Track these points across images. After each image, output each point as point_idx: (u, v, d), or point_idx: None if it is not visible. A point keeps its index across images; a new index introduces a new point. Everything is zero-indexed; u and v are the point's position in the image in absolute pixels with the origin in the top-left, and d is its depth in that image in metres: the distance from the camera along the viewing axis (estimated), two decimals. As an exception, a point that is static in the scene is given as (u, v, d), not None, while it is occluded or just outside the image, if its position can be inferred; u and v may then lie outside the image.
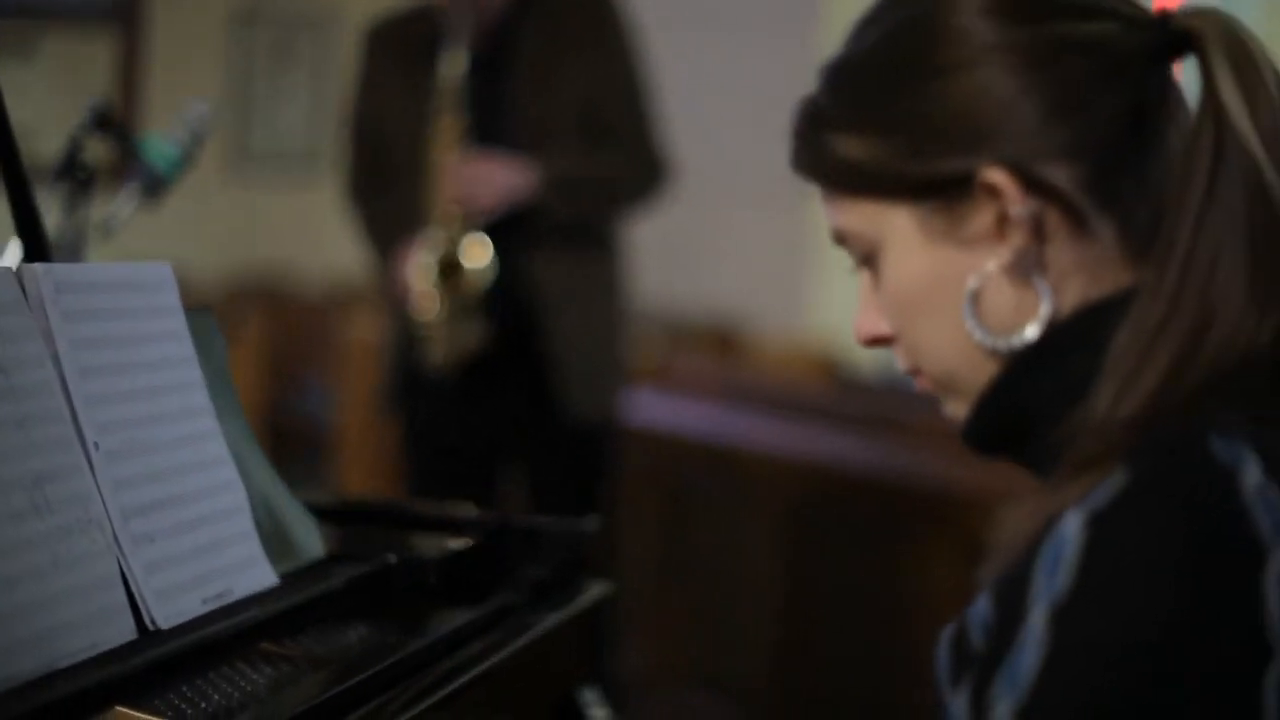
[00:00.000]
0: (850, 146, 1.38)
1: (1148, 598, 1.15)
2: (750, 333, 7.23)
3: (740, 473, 4.70)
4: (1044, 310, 1.34)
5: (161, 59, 7.48)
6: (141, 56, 7.41)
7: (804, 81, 1.46)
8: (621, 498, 4.31)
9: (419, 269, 4.06)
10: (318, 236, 8.23)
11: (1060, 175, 1.32)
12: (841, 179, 1.40)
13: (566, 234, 4.11)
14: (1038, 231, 1.33)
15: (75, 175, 2.73)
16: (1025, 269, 1.33)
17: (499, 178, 4.02)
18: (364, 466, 6.09)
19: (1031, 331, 1.34)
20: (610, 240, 4.24)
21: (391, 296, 4.24)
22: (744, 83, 6.85)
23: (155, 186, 2.89)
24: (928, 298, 1.38)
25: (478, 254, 4.06)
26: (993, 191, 1.33)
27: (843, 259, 1.47)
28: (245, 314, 6.43)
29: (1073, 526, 1.19)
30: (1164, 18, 1.34)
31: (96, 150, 2.80)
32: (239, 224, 7.89)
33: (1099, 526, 1.18)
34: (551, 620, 2.20)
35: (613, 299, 4.24)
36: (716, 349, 6.83)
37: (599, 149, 4.12)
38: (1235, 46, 1.28)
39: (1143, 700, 1.13)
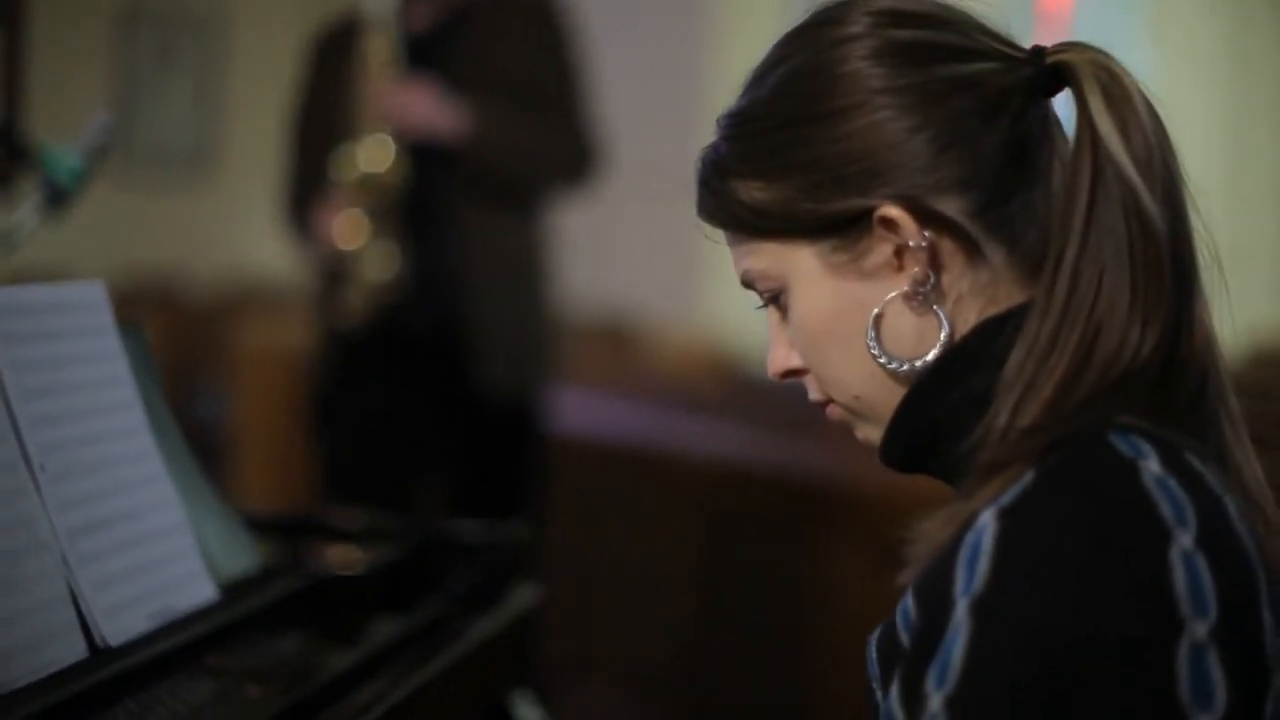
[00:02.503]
0: (751, 191, 1.45)
1: (1062, 582, 1.22)
2: (644, 328, 7.29)
3: (644, 470, 4.74)
4: (943, 334, 1.41)
5: (43, 60, 7.40)
6: (22, 57, 7.34)
7: (695, 74, 1.52)
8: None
9: (336, 201, 4.02)
10: (205, 239, 8.22)
11: (951, 206, 1.39)
12: (745, 223, 1.47)
13: (489, 207, 4.08)
14: (934, 260, 1.41)
15: (-26, 188, 2.72)
16: (924, 296, 1.41)
17: (430, 101, 4.03)
18: (262, 471, 6.09)
19: (933, 354, 1.41)
20: (533, 219, 4.23)
21: (317, 252, 4.16)
22: (635, 77, 6.89)
23: (58, 198, 2.88)
24: (834, 329, 1.45)
25: (381, 157, 4.03)
26: (890, 226, 1.40)
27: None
28: (134, 319, 6.34)
29: (987, 523, 1.26)
30: (1038, 54, 1.42)
31: (-3, 163, 2.79)
32: (125, 227, 7.84)
33: (1011, 520, 1.25)
34: (483, 628, 2.24)
35: (535, 279, 4.23)
36: (610, 344, 6.87)
37: (532, 118, 4.13)
38: (1106, 78, 1.37)
39: (1066, 677, 1.20)
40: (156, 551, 1.89)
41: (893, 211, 1.39)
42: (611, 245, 7.24)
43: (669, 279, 7.37)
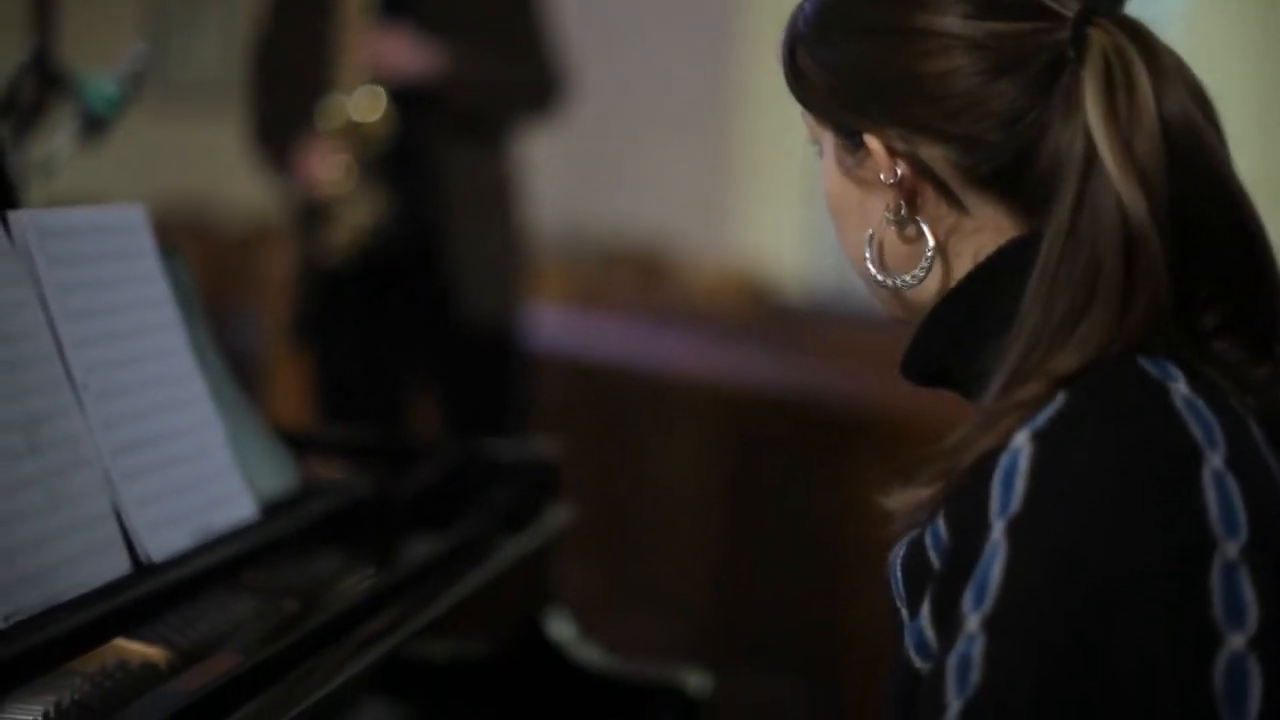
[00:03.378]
0: (803, 61, 1.48)
1: (1098, 503, 1.24)
2: (677, 256, 7.29)
3: (673, 396, 4.77)
4: (926, 258, 1.43)
5: (76, -10, 7.42)
6: (55, -12, 7.35)
7: (725, 5, 1.54)
8: (559, 423, 4.36)
9: (321, 145, 4.09)
10: (238, 167, 8.23)
11: (935, 153, 1.41)
12: (792, 85, 1.50)
13: (464, 143, 4.18)
14: (911, 195, 1.43)
15: (14, 116, 2.74)
16: (906, 224, 1.43)
17: (406, 46, 4.12)
18: (294, 397, 6.12)
19: (914, 276, 1.44)
20: (504, 151, 4.35)
21: (299, 192, 4.24)
22: (667, 8, 6.89)
23: (94, 126, 2.91)
24: (840, 213, 1.50)
25: (372, 107, 4.10)
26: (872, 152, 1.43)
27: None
28: (173, 243, 6.36)
29: (1022, 445, 1.27)
30: (1084, 16, 1.38)
31: (34, 90, 2.81)
32: (159, 156, 7.86)
33: (1046, 442, 1.27)
34: (517, 546, 2.27)
35: (509, 207, 4.34)
36: (643, 273, 6.89)
37: (500, 53, 4.23)
38: (1115, 65, 1.34)
39: (1103, 596, 1.22)
40: (198, 470, 1.93)
41: (873, 143, 1.42)
42: (646, 175, 7.24)
43: (702, 208, 7.38)
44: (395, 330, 4.28)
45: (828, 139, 1.48)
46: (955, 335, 1.42)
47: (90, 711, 1.53)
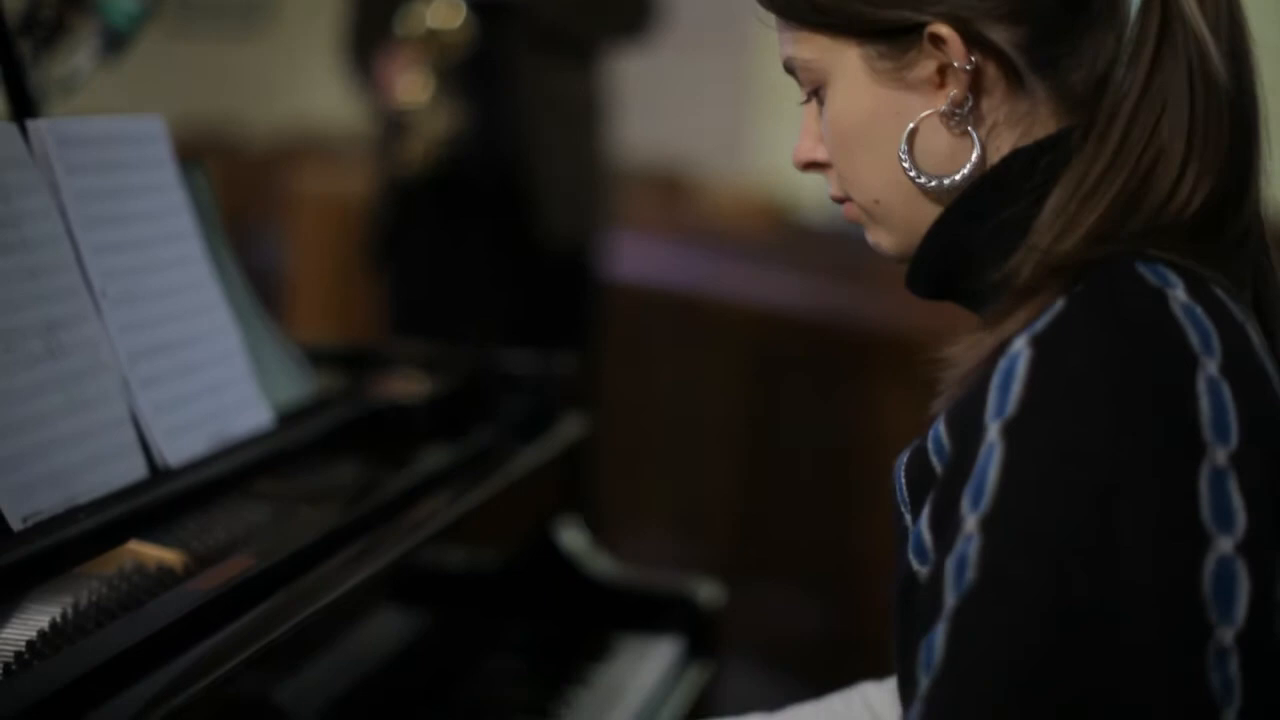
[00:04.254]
0: None
1: (1092, 406, 1.25)
2: (698, 178, 7.29)
3: (695, 318, 4.78)
4: (974, 155, 1.43)
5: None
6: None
7: None
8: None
9: (400, 54, 4.05)
10: (261, 88, 8.24)
11: (1002, 35, 1.40)
12: (799, 12, 1.47)
13: (549, 60, 4.11)
14: (975, 84, 1.42)
15: (35, 32, 2.75)
16: (960, 117, 1.43)
17: None
18: (319, 315, 6.15)
19: (961, 174, 1.44)
20: (591, 70, 4.24)
21: (379, 102, 4.20)
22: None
23: (115, 43, 2.91)
24: (866, 133, 1.47)
25: (451, 15, 4.06)
26: (937, 43, 1.41)
27: (789, 103, 1.54)
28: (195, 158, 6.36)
29: (1020, 349, 1.29)
30: None
31: (55, 6, 2.82)
32: (181, 77, 7.86)
33: (1043, 346, 1.28)
34: (532, 456, 2.30)
35: (593, 128, 4.24)
36: (665, 193, 6.88)
37: None
38: None
39: (1095, 496, 1.24)
40: (215, 377, 1.95)
41: (943, 30, 1.40)
42: (668, 96, 7.23)
43: (723, 129, 7.37)
44: (471, 250, 4.20)
45: (847, 60, 1.46)
46: (964, 243, 1.43)
47: (107, 613, 1.56)
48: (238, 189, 6.88)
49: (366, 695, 1.88)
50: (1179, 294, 1.31)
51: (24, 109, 2.01)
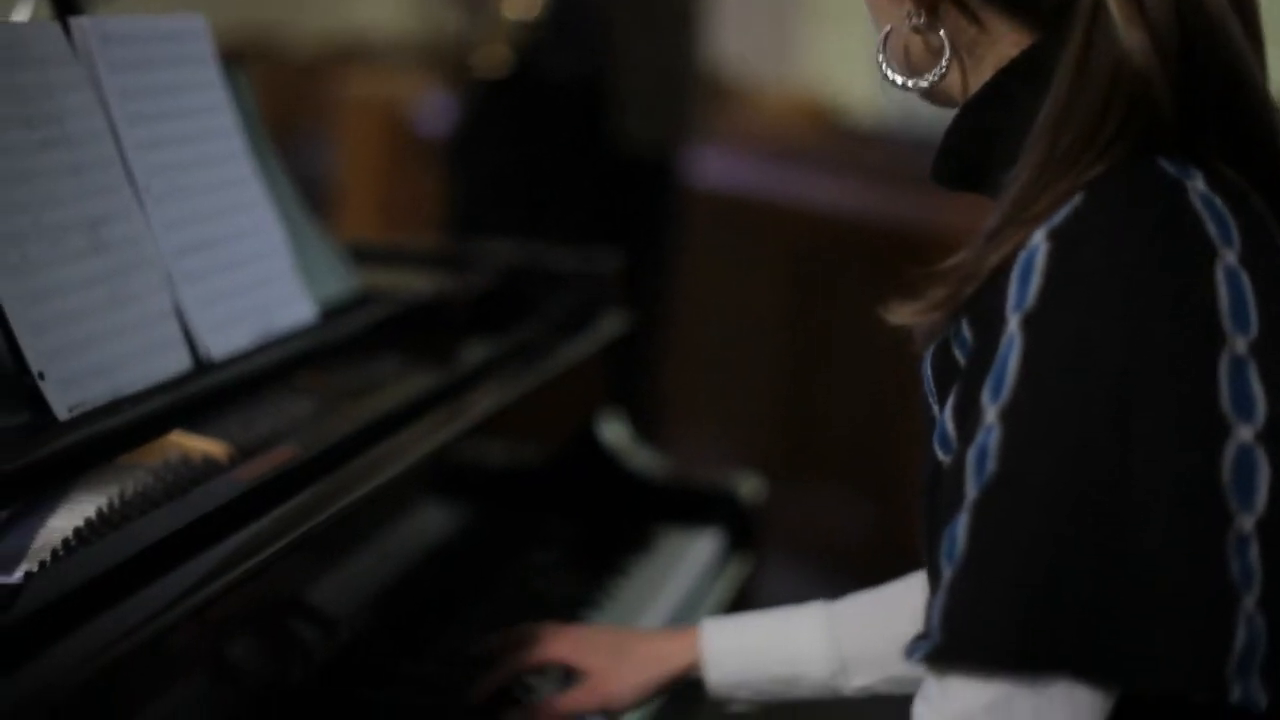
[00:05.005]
0: None
1: (1111, 296, 1.26)
2: (744, 81, 7.26)
3: (744, 221, 4.79)
4: (941, 68, 1.43)
5: None
6: None
7: None
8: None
9: None
10: (309, -6, 8.23)
11: None
12: None
13: None
14: (931, 8, 1.43)
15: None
16: (926, 32, 1.44)
17: None
18: (365, 221, 6.16)
19: (927, 82, 1.44)
20: None
21: None
22: None
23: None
24: (872, 10, 1.49)
25: None
26: None
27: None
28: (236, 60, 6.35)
29: (1039, 243, 1.29)
30: None
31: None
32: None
33: (1061, 239, 1.29)
34: (572, 351, 2.31)
35: (683, 30, 4.18)
36: (712, 99, 6.85)
37: None
38: None
39: (1115, 386, 1.25)
40: (258, 272, 1.97)
41: None
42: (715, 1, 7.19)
43: (770, 32, 7.33)
44: (545, 153, 4.14)
45: None
46: (980, 136, 1.44)
47: (151, 501, 1.58)
48: (285, 96, 6.88)
49: (409, 588, 1.91)
50: (1198, 185, 1.32)
51: (67, 7, 2.02)
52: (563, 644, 1.81)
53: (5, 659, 1.21)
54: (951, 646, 1.25)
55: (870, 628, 1.73)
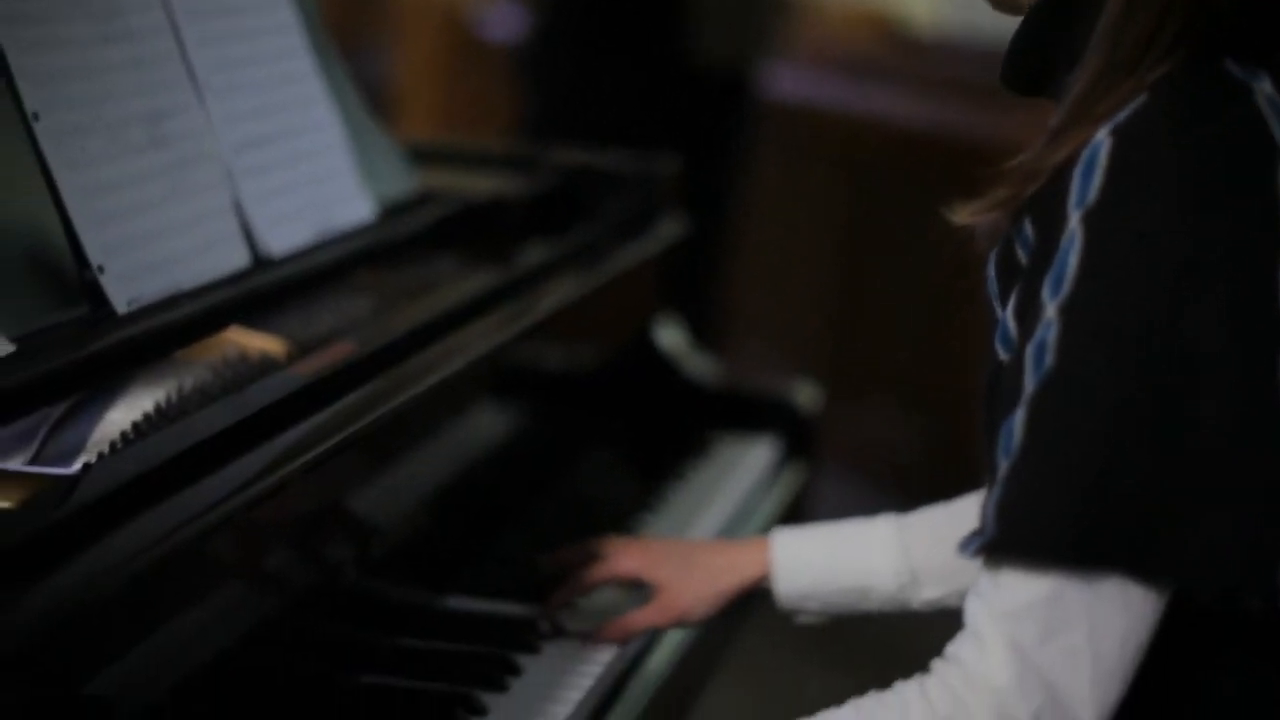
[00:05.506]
0: None
1: (1172, 195, 1.25)
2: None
3: (805, 130, 4.76)
4: None
5: None
6: None
7: None
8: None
9: None
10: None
11: None
12: None
13: None
14: None
15: None
16: None
17: None
18: (426, 130, 6.15)
19: None
20: None
21: None
22: None
23: None
24: None
25: None
26: None
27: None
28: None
29: (1102, 140, 1.28)
30: None
31: None
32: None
33: (1125, 137, 1.28)
34: (630, 254, 2.31)
35: None
36: (776, 10, 6.79)
37: None
38: None
39: (1174, 282, 1.24)
40: (317, 169, 1.97)
41: None
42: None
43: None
44: (621, 60, 4.12)
45: None
46: (1046, 40, 1.42)
47: (209, 397, 1.58)
48: (342, 1, 6.86)
49: (463, 490, 1.91)
50: (1264, 87, 1.32)
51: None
52: (631, 558, 1.81)
53: (61, 550, 1.21)
54: (1005, 540, 1.25)
55: (940, 540, 1.71)
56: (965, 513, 1.73)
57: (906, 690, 1.30)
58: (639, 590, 1.82)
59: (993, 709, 1.25)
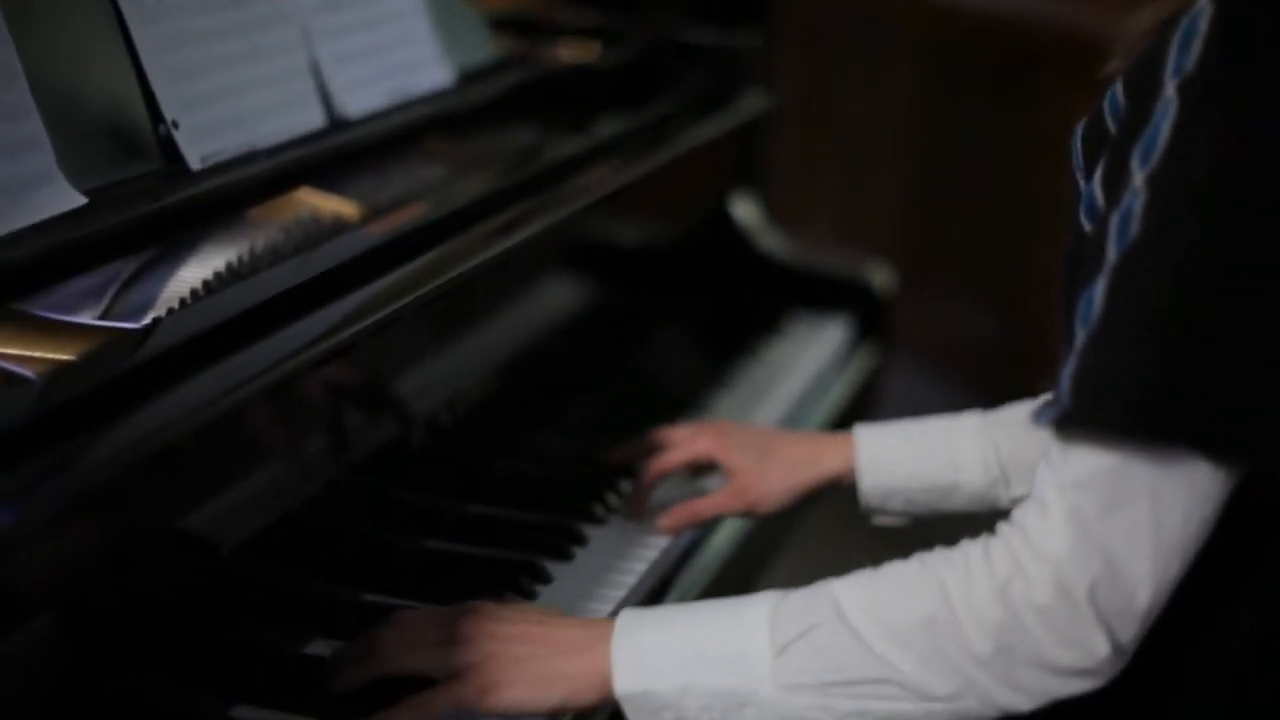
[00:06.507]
0: None
1: (1271, 67, 1.23)
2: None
3: (881, 15, 4.70)
4: None
5: None
6: None
7: None
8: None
9: None
10: None
11: None
12: None
13: None
14: None
15: None
16: None
17: None
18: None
19: None
20: None
21: None
22: None
23: None
24: None
25: None
26: None
27: None
28: None
29: (1203, 6, 1.25)
30: None
31: None
32: None
33: (1226, 4, 1.24)
34: (708, 127, 2.28)
35: None
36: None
37: None
38: None
39: (1267, 159, 1.21)
40: (396, 33, 1.95)
41: None
42: None
43: None
44: None
45: None
46: None
47: (280, 256, 1.57)
48: None
49: (534, 359, 1.91)
50: None
51: None
52: (709, 440, 1.79)
53: (128, 400, 1.21)
54: (1078, 410, 1.23)
55: (1030, 435, 1.68)
56: None
57: (971, 550, 1.29)
58: (707, 478, 1.81)
59: (1050, 578, 1.24)
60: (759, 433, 1.85)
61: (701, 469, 1.82)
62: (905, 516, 1.77)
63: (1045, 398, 1.30)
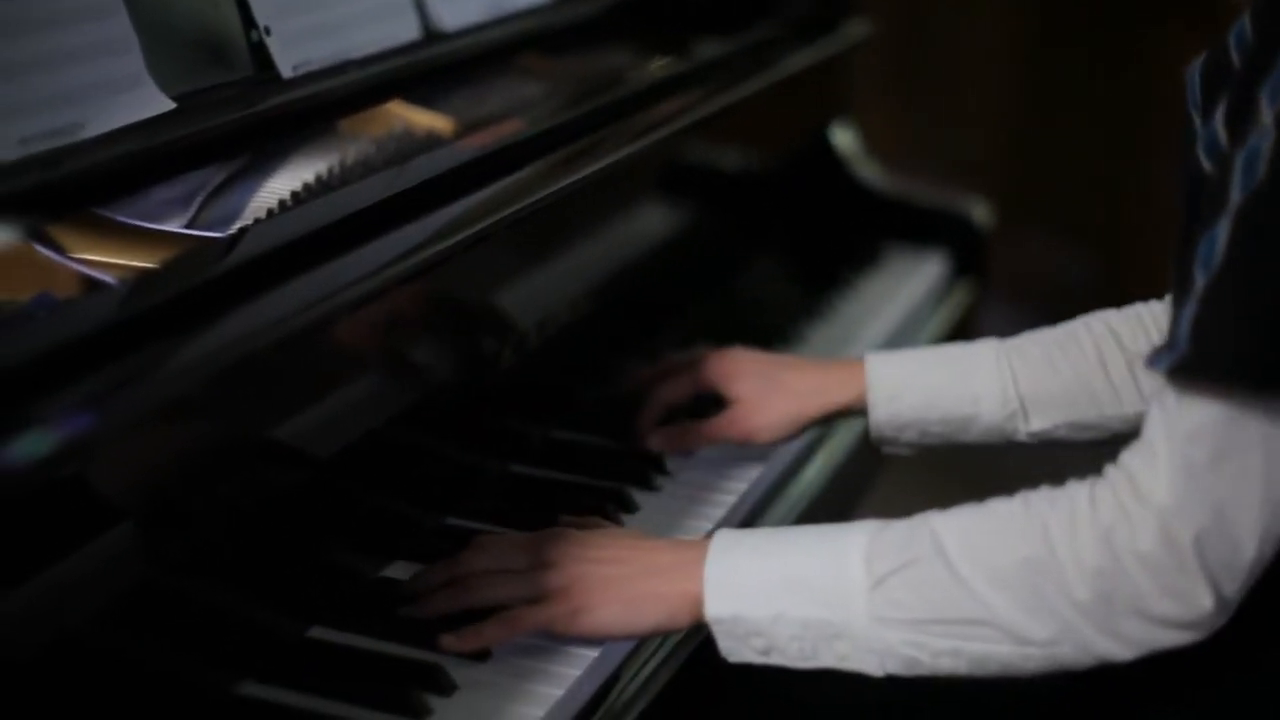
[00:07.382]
0: None
1: None
2: None
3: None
4: None
5: None
6: None
7: None
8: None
9: None
10: None
11: None
12: None
13: None
14: None
15: None
16: None
17: None
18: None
19: None
20: None
21: None
22: None
23: None
24: None
25: None
26: None
27: None
28: None
29: None
30: None
31: None
32: None
33: None
34: (810, 53, 2.24)
35: None
36: None
37: None
38: None
39: None
40: (493, -57, 1.91)
41: None
42: None
43: None
44: None
45: None
46: None
47: (371, 170, 1.53)
48: None
49: (627, 285, 1.87)
50: None
51: None
52: (715, 368, 1.72)
53: (212, 309, 1.19)
54: (1195, 358, 1.18)
55: (1052, 367, 1.63)
56: (1074, 338, 1.64)
57: (1077, 492, 1.25)
58: None
59: (1156, 526, 1.19)
60: (768, 361, 1.76)
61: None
62: (916, 448, 1.71)
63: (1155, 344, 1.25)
